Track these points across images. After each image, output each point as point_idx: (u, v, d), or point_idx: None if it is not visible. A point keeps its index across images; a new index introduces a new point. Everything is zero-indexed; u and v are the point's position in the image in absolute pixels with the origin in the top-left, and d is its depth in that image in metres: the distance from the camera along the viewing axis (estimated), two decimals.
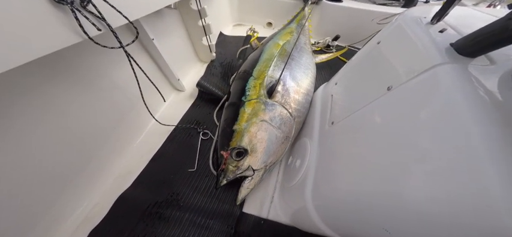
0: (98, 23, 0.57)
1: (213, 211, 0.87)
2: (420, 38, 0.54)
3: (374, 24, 1.63)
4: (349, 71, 0.84)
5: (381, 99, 0.52)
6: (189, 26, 1.34)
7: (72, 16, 0.50)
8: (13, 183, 0.64)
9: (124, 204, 0.86)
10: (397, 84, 0.49)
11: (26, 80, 0.62)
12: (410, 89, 0.46)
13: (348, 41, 1.81)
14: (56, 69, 0.69)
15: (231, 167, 0.79)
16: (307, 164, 0.76)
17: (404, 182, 0.39)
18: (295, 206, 0.76)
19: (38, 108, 0.67)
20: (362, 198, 0.48)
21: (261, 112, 0.85)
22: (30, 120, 0.65)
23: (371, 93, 0.57)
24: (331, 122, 0.74)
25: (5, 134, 0.60)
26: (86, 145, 0.85)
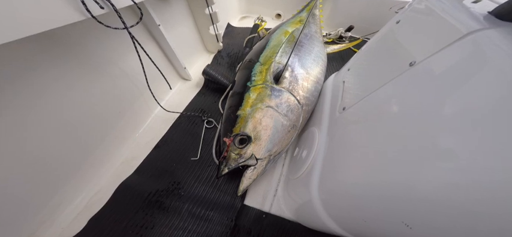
0: (101, 2, 0.56)
1: (214, 202, 0.85)
2: (450, 12, 0.47)
3: (392, 13, 1.52)
4: (364, 55, 0.77)
5: (402, 76, 0.46)
6: (196, 14, 1.33)
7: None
8: (19, 166, 0.65)
9: (125, 192, 0.85)
10: (421, 58, 0.43)
11: (36, 57, 0.63)
12: (440, 61, 0.39)
13: (362, 33, 1.71)
14: (64, 49, 0.70)
15: (233, 155, 0.76)
16: (314, 154, 0.70)
17: (431, 170, 0.33)
18: (300, 200, 0.72)
19: (45, 86, 0.67)
20: (377, 190, 0.43)
21: (267, 98, 0.81)
22: (36, 99, 0.66)
23: (389, 71, 0.51)
24: (342, 108, 0.68)
25: (12, 113, 0.61)
26: (93, 130, 0.86)
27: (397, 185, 0.38)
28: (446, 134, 0.33)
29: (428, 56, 0.41)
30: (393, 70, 0.49)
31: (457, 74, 0.35)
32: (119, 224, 0.77)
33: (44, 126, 0.69)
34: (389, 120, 0.45)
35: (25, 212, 0.69)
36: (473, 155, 0.28)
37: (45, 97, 0.68)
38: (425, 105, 0.38)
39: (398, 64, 0.48)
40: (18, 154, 0.64)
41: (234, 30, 1.77)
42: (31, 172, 0.68)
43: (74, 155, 0.81)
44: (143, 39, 1.01)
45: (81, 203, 0.83)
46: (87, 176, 0.87)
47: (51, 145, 0.72)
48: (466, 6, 0.45)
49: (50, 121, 0.71)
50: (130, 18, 0.66)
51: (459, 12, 0.44)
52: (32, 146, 0.67)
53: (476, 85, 0.32)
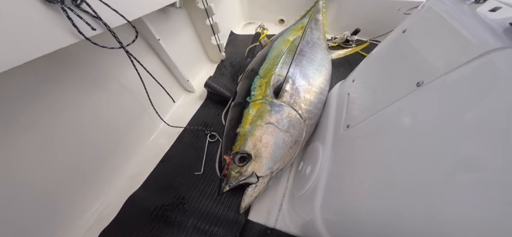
0: (94, 23, 0.56)
1: (218, 217, 0.84)
2: (463, 22, 0.42)
3: (400, 14, 1.43)
4: (369, 66, 0.73)
5: (408, 97, 0.42)
6: (197, 25, 1.34)
7: (64, 15, 0.49)
8: (34, 184, 0.69)
9: (133, 206, 0.88)
10: (430, 78, 0.38)
11: (44, 84, 0.66)
12: (451, 83, 0.35)
13: (369, 35, 1.62)
14: (71, 71, 0.72)
15: (233, 173, 0.75)
16: (317, 172, 0.67)
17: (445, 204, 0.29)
18: (306, 217, 0.69)
19: (53, 109, 0.70)
20: (386, 219, 0.39)
21: (267, 114, 0.78)
22: (47, 122, 0.69)
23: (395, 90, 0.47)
24: (347, 126, 0.64)
25: (24, 135, 0.64)
26: (100, 147, 0.89)
27: (410, 216, 0.35)
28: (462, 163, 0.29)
29: (437, 77, 0.37)
30: (399, 89, 0.45)
31: (469, 101, 0.31)
32: (125, 236, 0.79)
33: (55, 147, 0.73)
34: (399, 143, 0.41)
35: (39, 228, 0.73)
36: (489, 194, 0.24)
37: (56, 118, 0.71)
38: (435, 134, 0.34)
39: (404, 83, 0.44)
40: (33, 174, 0.68)
41: (237, 38, 1.77)
42: (44, 191, 0.72)
43: (83, 173, 0.84)
44: (144, 54, 1.03)
45: (92, 218, 0.86)
46: (96, 191, 0.90)
47: (64, 164, 0.76)
48: (482, 16, 0.40)
49: (61, 141, 0.74)
50: (127, 35, 0.66)
51: (474, 23, 0.39)
52: (46, 166, 0.71)
53: (485, 112, 0.28)
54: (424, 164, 0.35)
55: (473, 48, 0.34)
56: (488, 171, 0.25)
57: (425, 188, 0.33)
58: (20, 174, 0.65)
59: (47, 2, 0.47)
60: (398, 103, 0.43)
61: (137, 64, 0.74)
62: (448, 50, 0.40)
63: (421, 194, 0.33)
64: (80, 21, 0.53)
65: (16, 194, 0.65)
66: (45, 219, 0.74)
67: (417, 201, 0.34)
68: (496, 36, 0.33)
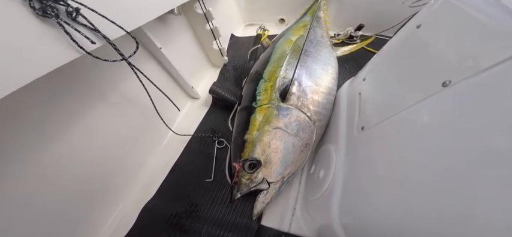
0: (93, 36, 0.54)
1: (231, 223, 0.82)
2: (486, 12, 0.37)
3: (405, 8, 1.37)
4: (380, 63, 0.69)
5: (434, 97, 0.38)
6: (197, 31, 1.31)
7: (62, 31, 0.47)
8: (57, 197, 0.69)
9: (148, 215, 0.87)
10: (458, 79, 0.35)
11: (55, 99, 0.66)
12: (481, 85, 0.31)
13: (373, 30, 1.56)
14: (75, 86, 0.72)
15: (244, 180, 0.72)
16: (332, 176, 0.64)
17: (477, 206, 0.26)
18: (321, 220, 0.66)
19: (69, 125, 0.70)
20: (410, 223, 0.36)
21: (274, 119, 0.75)
22: (64, 138, 0.70)
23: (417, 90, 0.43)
24: (361, 128, 0.60)
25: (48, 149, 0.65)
26: (112, 161, 0.89)
27: (436, 220, 0.31)
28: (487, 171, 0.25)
29: (467, 77, 0.33)
30: (421, 90, 0.41)
31: (501, 102, 0.27)
32: None
33: (73, 161, 0.73)
34: (424, 147, 0.37)
35: (73, 232, 0.75)
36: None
37: (70, 134, 0.71)
38: (465, 136, 0.30)
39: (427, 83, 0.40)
40: (53, 192, 0.69)
41: (238, 40, 1.73)
42: (61, 209, 0.72)
43: (99, 187, 0.84)
44: (146, 63, 1.01)
45: (110, 229, 0.87)
46: (112, 203, 0.90)
47: (81, 178, 0.77)
48: (510, 8, 0.36)
49: (78, 155, 0.75)
50: (129, 46, 0.64)
51: (502, 14, 0.35)
52: (66, 181, 0.72)
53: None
54: (453, 167, 0.31)
55: (504, 48, 0.30)
56: None
57: (455, 192, 0.30)
58: (42, 191, 0.66)
59: (42, 16, 0.45)
60: (422, 104, 0.39)
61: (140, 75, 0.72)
62: (475, 47, 0.36)
63: (450, 198, 0.30)
64: (78, 35, 0.51)
65: (37, 212, 0.65)
66: (65, 234, 0.74)
67: (446, 206, 0.30)
68: None
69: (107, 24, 0.58)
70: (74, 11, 0.51)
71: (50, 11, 0.46)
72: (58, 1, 0.48)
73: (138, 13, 0.72)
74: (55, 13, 0.47)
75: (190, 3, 1.12)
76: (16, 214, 0.60)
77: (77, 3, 0.51)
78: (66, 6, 0.49)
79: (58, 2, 0.48)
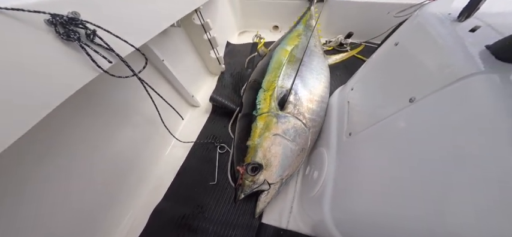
0: (108, 55, 0.59)
1: (235, 222, 0.89)
2: (445, 40, 0.47)
3: (390, 18, 1.50)
4: (365, 75, 0.79)
5: (403, 111, 0.47)
6: (195, 41, 1.38)
7: (84, 52, 0.52)
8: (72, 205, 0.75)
9: (158, 217, 0.93)
10: (421, 96, 0.44)
11: (73, 119, 0.71)
12: (436, 103, 0.41)
13: (363, 37, 1.69)
14: (89, 102, 0.77)
15: (247, 182, 0.80)
16: (324, 176, 0.73)
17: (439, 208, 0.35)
18: (316, 217, 0.74)
19: (78, 141, 0.75)
20: (389, 220, 0.45)
21: (274, 126, 0.84)
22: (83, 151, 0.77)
23: (391, 103, 0.52)
24: (349, 134, 0.70)
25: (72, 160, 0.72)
26: (122, 167, 0.94)
27: (410, 218, 0.40)
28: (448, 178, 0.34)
29: (425, 96, 0.43)
30: (395, 103, 0.50)
31: (447, 120, 0.36)
32: None
33: (91, 168, 0.80)
34: (398, 152, 0.47)
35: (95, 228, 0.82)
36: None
37: (81, 149, 0.77)
38: (427, 146, 0.40)
39: (399, 98, 0.50)
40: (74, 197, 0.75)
41: (234, 48, 1.81)
42: (80, 208, 0.78)
43: (113, 191, 0.90)
44: (150, 76, 1.07)
45: (124, 230, 0.92)
46: (124, 206, 0.96)
47: (98, 182, 0.83)
48: (462, 36, 0.45)
49: (96, 164, 0.81)
50: (136, 61, 0.69)
51: (454, 43, 0.44)
52: (82, 190, 0.78)
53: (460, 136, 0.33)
54: (420, 169, 0.40)
55: (453, 71, 0.40)
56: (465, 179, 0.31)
57: (423, 191, 0.38)
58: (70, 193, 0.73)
59: (66, 41, 0.51)
60: (394, 116, 0.49)
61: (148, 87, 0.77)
62: (434, 69, 0.45)
63: (419, 197, 0.39)
64: (96, 55, 0.56)
65: (62, 213, 0.71)
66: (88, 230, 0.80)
67: (415, 203, 0.39)
68: (472, 59, 0.39)
69: (118, 43, 0.63)
70: (91, 33, 0.56)
71: (73, 35, 0.51)
72: (78, 25, 0.53)
73: (145, 30, 0.77)
74: (77, 36, 0.52)
75: (189, 15, 1.18)
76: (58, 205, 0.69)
77: (94, 25, 0.57)
78: (85, 29, 0.54)
79: (78, 26, 0.54)
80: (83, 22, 0.53)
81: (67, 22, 0.50)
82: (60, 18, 0.49)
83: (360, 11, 1.64)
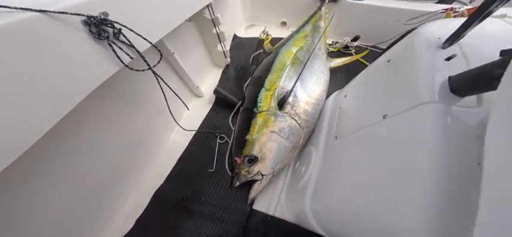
0: (129, 51, 0.69)
1: (229, 207, 1.03)
2: (424, 65, 0.53)
3: (399, 25, 1.54)
4: (358, 85, 0.88)
5: (377, 125, 0.58)
6: (204, 34, 1.45)
7: (110, 49, 0.63)
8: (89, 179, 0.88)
9: (160, 198, 1.06)
10: (392, 114, 0.54)
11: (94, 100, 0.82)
12: (400, 122, 0.51)
13: (369, 41, 1.73)
14: (107, 92, 0.88)
15: (243, 172, 0.92)
16: (310, 172, 0.85)
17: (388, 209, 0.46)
18: (298, 207, 0.87)
19: (100, 124, 0.88)
20: (355, 209, 0.56)
21: (271, 124, 0.95)
22: (99, 132, 0.88)
23: (370, 116, 0.63)
24: (335, 137, 0.81)
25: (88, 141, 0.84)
26: (131, 149, 1.06)
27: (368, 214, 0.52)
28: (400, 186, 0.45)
29: (394, 115, 0.53)
30: (373, 117, 0.61)
31: (403, 140, 0.46)
32: (157, 224, 0.98)
33: (105, 150, 0.92)
34: (368, 160, 0.57)
35: (90, 217, 0.93)
36: None
37: (102, 131, 0.89)
38: (388, 159, 0.50)
39: (376, 112, 0.60)
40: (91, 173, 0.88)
41: (241, 41, 1.87)
42: (96, 187, 0.91)
43: (121, 170, 1.02)
44: (160, 67, 1.15)
45: (129, 207, 1.05)
46: (130, 185, 1.09)
47: (111, 161, 0.95)
48: (437, 64, 0.52)
49: (109, 145, 0.93)
50: (150, 55, 0.78)
51: (429, 70, 0.51)
52: (98, 167, 0.90)
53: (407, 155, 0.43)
54: (383, 174, 0.51)
55: (417, 96, 0.49)
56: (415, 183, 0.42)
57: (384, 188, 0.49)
58: (85, 170, 0.86)
59: (98, 39, 0.62)
60: (370, 128, 0.59)
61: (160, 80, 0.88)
62: (406, 92, 0.55)
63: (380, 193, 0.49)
64: (119, 51, 0.67)
65: (77, 187, 0.84)
66: (94, 210, 0.93)
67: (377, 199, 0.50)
68: (433, 89, 0.48)
69: (137, 39, 0.73)
70: (118, 31, 0.66)
71: (103, 34, 0.62)
72: (107, 25, 0.64)
73: (161, 26, 0.86)
74: (106, 35, 0.62)
75: (201, 9, 1.26)
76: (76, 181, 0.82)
77: (120, 25, 0.67)
78: (113, 28, 0.65)
79: (107, 25, 0.64)
80: (112, 22, 0.63)
81: (99, 22, 0.60)
82: (94, 19, 0.59)
83: (371, 14, 1.68)
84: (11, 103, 0.45)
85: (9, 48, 0.44)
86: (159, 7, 0.83)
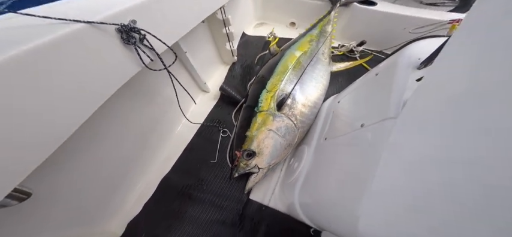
0: (149, 53, 0.82)
1: (228, 195, 1.18)
2: (399, 83, 0.64)
3: (406, 33, 1.60)
4: (350, 93, 0.99)
5: (355, 132, 0.70)
6: (214, 34, 1.58)
7: (135, 52, 0.77)
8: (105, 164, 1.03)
9: (166, 184, 1.22)
10: (367, 124, 0.66)
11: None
12: (372, 132, 0.63)
13: (375, 46, 1.80)
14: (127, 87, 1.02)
15: (242, 165, 1.07)
16: (301, 168, 0.98)
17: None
18: (289, 199, 1.01)
19: (118, 117, 1.04)
20: (334, 201, 0.68)
21: (269, 123, 1.08)
22: (117, 121, 1.03)
23: (352, 123, 0.75)
24: (325, 138, 0.94)
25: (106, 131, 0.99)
26: (143, 139, 1.22)
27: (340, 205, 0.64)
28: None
29: (369, 125, 0.65)
30: (353, 125, 0.73)
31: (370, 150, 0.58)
32: (162, 208, 1.15)
33: (119, 139, 1.07)
34: (346, 161, 0.70)
35: (105, 198, 1.09)
36: None
37: (121, 123, 1.05)
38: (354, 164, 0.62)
39: (356, 121, 0.72)
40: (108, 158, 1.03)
41: (248, 39, 1.99)
42: (110, 173, 1.07)
43: (134, 156, 1.19)
44: (173, 65, 1.32)
45: (138, 192, 1.22)
46: (140, 171, 1.25)
47: (125, 149, 1.12)
48: (408, 84, 0.64)
49: (122, 135, 1.09)
50: (165, 55, 0.89)
51: (399, 89, 0.63)
52: (116, 154, 1.06)
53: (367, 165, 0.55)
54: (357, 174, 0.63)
55: (385, 111, 0.60)
56: None
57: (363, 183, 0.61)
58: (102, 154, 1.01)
59: (126, 44, 0.77)
60: (349, 135, 0.72)
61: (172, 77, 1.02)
62: (380, 105, 0.66)
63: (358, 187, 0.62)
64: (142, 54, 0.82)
65: (96, 169, 0.99)
66: (109, 193, 1.09)
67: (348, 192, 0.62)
68: (398, 106, 0.59)
69: (154, 42, 0.87)
70: (143, 37, 0.81)
71: (132, 40, 0.77)
72: (135, 31, 0.79)
73: (178, 30, 1.00)
74: (134, 41, 0.77)
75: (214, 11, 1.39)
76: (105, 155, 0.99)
77: (145, 31, 0.81)
78: (139, 34, 0.80)
79: (135, 32, 0.79)
80: (139, 29, 0.78)
81: (129, 30, 0.75)
82: (125, 27, 0.74)
83: (380, 21, 1.73)
84: (67, 93, 0.61)
85: (67, 52, 0.60)
86: (178, 13, 0.96)
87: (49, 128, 0.58)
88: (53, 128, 0.59)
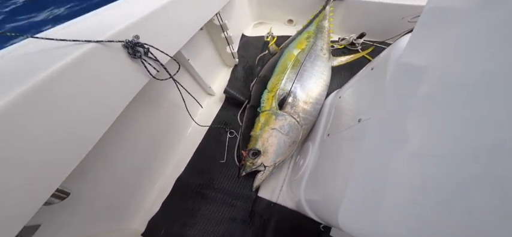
0: (155, 64, 0.89)
1: (237, 194, 1.24)
2: (376, 78, 0.66)
3: (405, 23, 1.57)
4: (350, 88, 1.00)
5: (354, 127, 0.71)
6: (214, 39, 1.65)
7: (142, 65, 0.83)
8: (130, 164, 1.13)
9: (180, 184, 1.31)
10: (364, 118, 0.68)
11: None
12: (365, 128, 0.64)
13: (376, 37, 1.77)
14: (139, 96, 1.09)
15: (248, 163, 1.11)
16: (306, 164, 1.01)
17: None
18: (297, 195, 1.04)
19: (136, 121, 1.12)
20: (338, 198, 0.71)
21: (272, 122, 1.12)
22: (134, 127, 1.13)
23: (351, 119, 0.76)
24: (328, 134, 0.95)
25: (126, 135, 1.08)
26: (157, 142, 1.32)
27: None
28: None
29: (365, 120, 0.66)
30: (352, 120, 0.74)
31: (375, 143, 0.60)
32: (178, 206, 1.24)
33: (136, 145, 1.17)
34: (348, 156, 0.72)
35: (130, 193, 1.19)
36: None
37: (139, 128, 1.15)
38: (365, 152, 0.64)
39: (355, 116, 0.73)
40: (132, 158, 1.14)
41: (248, 40, 2.02)
42: (133, 168, 1.17)
43: (150, 159, 1.28)
44: (178, 72, 1.38)
45: (157, 190, 1.33)
46: (158, 172, 1.35)
47: (142, 152, 1.21)
48: None
49: (139, 141, 1.18)
50: (170, 64, 0.95)
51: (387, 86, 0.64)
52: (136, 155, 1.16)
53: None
54: (356, 168, 0.65)
55: (377, 106, 0.62)
56: None
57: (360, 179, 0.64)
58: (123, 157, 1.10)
59: (134, 58, 0.82)
60: (349, 130, 0.73)
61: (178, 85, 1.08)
62: (374, 99, 0.67)
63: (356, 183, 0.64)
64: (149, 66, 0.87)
65: (120, 172, 1.10)
66: (130, 193, 1.20)
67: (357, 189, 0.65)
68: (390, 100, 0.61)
69: (158, 53, 0.92)
70: (146, 50, 0.86)
71: (138, 54, 0.82)
72: (139, 46, 0.84)
73: (178, 40, 1.06)
74: (139, 55, 0.83)
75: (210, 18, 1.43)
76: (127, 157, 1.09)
77: (147, 45, 0.86)
78: (143, 48, 0.85)
79: (139, 46, 0.84)
80: (142, 44, 0.83)
81: (134, 45, 0.81)
82: (130, 43, 0.79)
83: (377, 11, 1.72)
84: (90, 108, 0.69)
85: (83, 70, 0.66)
86: (176, 24, 1.02)
87: (80, 135, 0.67)
88: (84, 134, 0.68)
